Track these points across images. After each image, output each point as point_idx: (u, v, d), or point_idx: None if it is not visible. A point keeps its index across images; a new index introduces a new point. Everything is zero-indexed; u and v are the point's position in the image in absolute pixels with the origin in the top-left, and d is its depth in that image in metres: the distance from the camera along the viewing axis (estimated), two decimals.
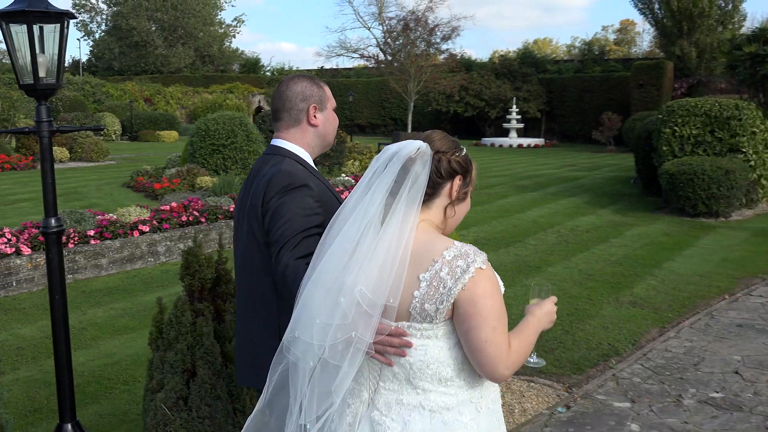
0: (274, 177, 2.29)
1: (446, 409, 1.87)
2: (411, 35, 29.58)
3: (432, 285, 1.79)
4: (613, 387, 5.06)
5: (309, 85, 2.50)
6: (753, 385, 5.11)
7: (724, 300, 7.34)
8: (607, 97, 36.13)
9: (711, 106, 12.94)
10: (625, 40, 69.00)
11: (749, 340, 6.07)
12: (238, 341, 2.55)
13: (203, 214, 9.67)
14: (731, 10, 34.22)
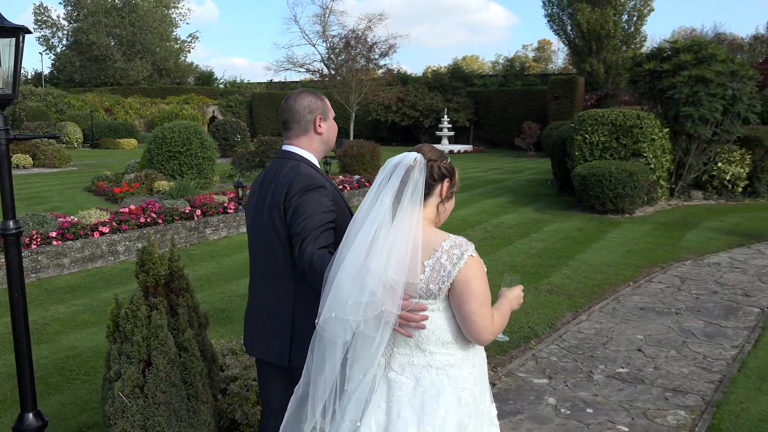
0: (295, 178, 2.44)
1: (449, 365, 2.16)
2: (352, 52, 29.54)
3: (435, 269, 2.09)
4: (533, 365, 5.15)
5: (314, 99, 2.64)
6: (653, 361, 5.26)
7: (629, 286, 7.53)
8: (527, 108, 36.72)
9: (616, 116, 13.28)
10: (542, 57, 70.24)
11: (650, 321, 6.25)
12: (251, 314, 2.69)
13: (160, 216, 9.45)
14: (633, 31, 35.26)
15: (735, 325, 6.12)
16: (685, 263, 8.68)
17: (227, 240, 10.14)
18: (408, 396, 2.14)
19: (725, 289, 7.40)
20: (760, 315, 6.41)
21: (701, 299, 6.98)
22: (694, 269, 8.36)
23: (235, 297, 6.93)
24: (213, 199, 10.57)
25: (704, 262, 8.74)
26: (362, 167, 17.01)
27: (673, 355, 5.38)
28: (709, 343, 5.64)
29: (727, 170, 14.17)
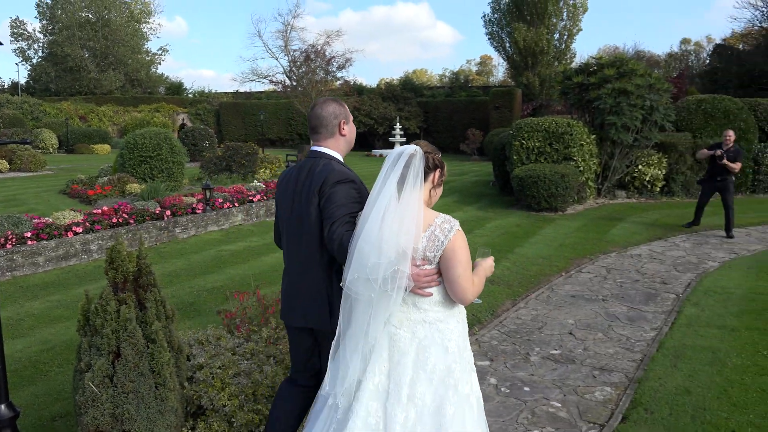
0: (330, 173, 2.67)
1: (439, 321, 2.43)
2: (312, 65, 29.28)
3: (430, 240, 2.38)
4: (476, 349, 5.17)
5: (337, 106, 2.85)
6: (583, 343, 5.35)
7: (561, 276, 7.65)
8: (471, 117, 37.05)
9: (549, 124, 13.47)
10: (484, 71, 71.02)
11: (580, 308, 6.35)
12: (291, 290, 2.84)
13: (132, 216, 9.19)
14: (564, 49, 35.90)
15: (654, 310, 6.27)
16: (611, 255, 8.86)
17: (196, 238, 9.93)
18: (406, 346, 2.39)
19: (645, 277, 7.58)
20: (676, 300, 6.59)
21: (625, 287, 7.14)
22: (619, 260, 8.54)
23: (202, 291, 6.78)
24: (182, 201, 10.34)
25: (627, 254, 8.93)
26: None
27: (600, 337, 5.48)
28: (631, 326, 5.76)
29: (646, 172, 14.53)
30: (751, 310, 6.12)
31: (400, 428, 2.30)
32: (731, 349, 5.05)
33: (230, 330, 3.87)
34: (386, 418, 2.33)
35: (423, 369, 2.36)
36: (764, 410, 3.97)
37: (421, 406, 2.34)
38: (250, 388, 3.37)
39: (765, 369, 4.64)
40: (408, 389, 2.34)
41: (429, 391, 2.36)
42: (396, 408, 2.32)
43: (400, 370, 2.36)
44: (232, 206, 11.09)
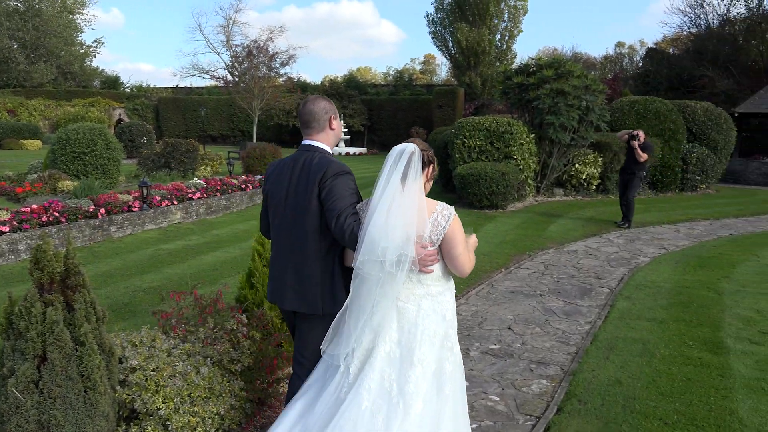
0: (330, 165, 2.83)
1: (439, 294, 2.80)
2: (254, 61, 28.81)
3: (434, 225, 2.72)
4: None
5: (327, 103, 3.03)
6: (521, 337, 5.47)
7: (501, 273, 7.80)
8: (415, 115, 37.38)
9: (490, 123, 13.72)
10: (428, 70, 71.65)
11: (519, 303, 6.49)
12: (280, 275, 2.98)
13: (63, 215, 8.83)
14: (505, 49, 36.65)
15: (589, 304, 6.47)
16: (549, 251, 9.10)
17: (132, 237, 9.63)
18: (413, 317, 2.73)
19: (581, 273, 7.81)
20: (609, 294, 6.82)
21: (561, 282, 7.34)
22: (556, 256, 8.77)
23: (138, 291, 6.58)
24: (118, 198, 10.01)
25: (564, 250, 9.19)
26: (264, 168, 16.69)
27: (537, 331, 5.62)
28: (567, 320, 5.93)
29: (583, 171, 14.99)
30: (679, 303, 6.39)
31: (413, 387, 2.65)
32: (660, 341, 5.26)
33: (166, 331, 3.77)
34: (399, 378, 2.67)
35: (427, 335, 2.73)
36: (689, 398, 4.16)
37: (426, 365, 2.70)
38: (186, 390, 3.30)
39: (691, 359, 4.86)
40: (419, 353, 2.70)
41: (432, 353, 2.73)
42: (409, 370, 2.67)
43: (410, 337, 2.71)
44: (171, 204, 10.81)
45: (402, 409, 2.62)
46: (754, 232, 11.20)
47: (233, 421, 3.48)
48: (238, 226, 10.78)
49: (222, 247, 8.89)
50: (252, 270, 4.38)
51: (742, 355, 4.96)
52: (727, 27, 31.22)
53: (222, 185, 12.56)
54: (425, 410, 2.65)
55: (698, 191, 17.41)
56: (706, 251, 9.17)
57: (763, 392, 4.29)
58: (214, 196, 12.07)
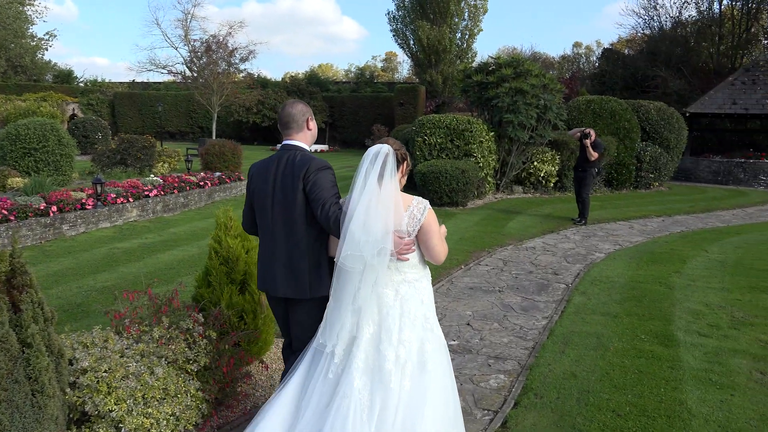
0: (312, 161, 3.10)
1: (416, 280, 3.03)
2: (213, 56, 28.31)
3: (411, 218, 2.97)
4: None
5: (304, 106, 3.30)
6: (479, 333, 5.53)
7: (461, 269, 7.87)
8: (377, 113, 37.36)
9: (451, 120, 13.82)
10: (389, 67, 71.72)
11: (477, 299, 6.56)
12: (269, 264, 3.21)
13: (12, 213, 8.54)
14: (466, 48, 36.92)
15: (546, 299, 6.58)
16: (507, 248, 9.22)
17: (85, 236, 9.38)
18: (391, 301, 2.95)
19: (539, 269, 7.94)
20: (566, 290, 6.95)
21: (519, 278, 7.44)
22: (515, 253, 8.89)
23: (91, 291, 6.42)
24: (70, 196, 9.74)
25: (523, 247, 9.33)
26: (224, 165, 16.44)
27: (495, 327, 5.68)
28: (525, 316, 6.02)
29: (541, 168, 15.23)
30: (632, 297, 6.56)
31: (392, 364, 2.87)
32: (613, 334, 5.39)
33: (119, 331, 3.68)
34: (379, 357, 2.89)
35: (407, 318, 2.96)
36: (641, 390, 4.27)
37: (408, 345, 2.92)
38: (140, 392, 3.23)
39: (642, 352, 4.99)
40: (397, 334, 2.92)
41: (413, 334, 2.96)
42: (388, 349, 2.90)
43: (390, 320, 2.93)
44: (127, 202, 10.57)
45: (383, 387, 2.85)
46: (704, 228, 11.56)
47: (189, 421, 3.42)
48: (196, 223, 10.61)
49: (179, 246, 8.74)
50: (209, 268, 4.32)
51: (692, 348, 5.12)
52: (679, 29, 32.11)
53: (180, 182, 12.34)
54: (410, 385, 2.88)
55: (651, 189, 17.88)
56: (658, 247, 9.43)
57: (710, 383, 4.44)
58: (172, 193, 11.85)
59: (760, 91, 21.45)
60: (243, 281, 4.37)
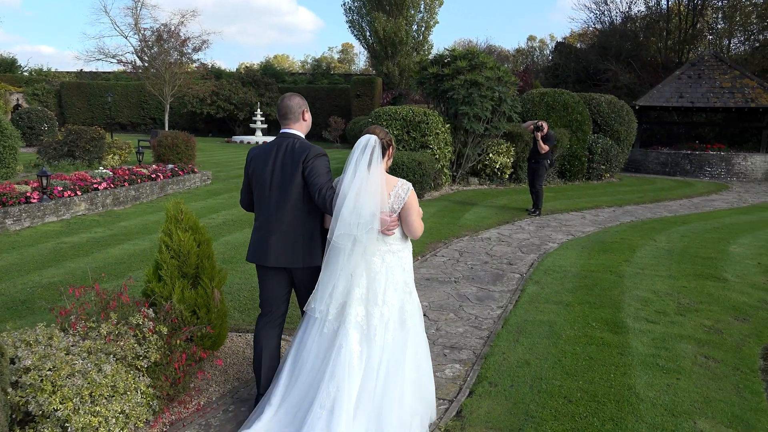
0: (311, 148, 3.50)
1: (399, 251, 3.50)
2: (165, 45, 27.62)
3: (395, 197, 3.42)
4: None
5: (300, 99, 3.66)
6: (436, 323, 5.56)
7: (417, 261, 7.88)
8: (334, 104, 37.17)
9: (407, 112, 13.84)
10: (346, 59, 71.37)
11: (434, 290, 6.59)
12: (265, 238, 3.56)
13: None
14: (422, 40, 37.04)
15: (501, 289, 6.66)
16: (463, 239, 9.30)
17: (31, 230, 9.05)
18: (378, 268, 3.41)
19: (494, 259, 8.04)
20: (520, 279, 7.05)
21: (475, 269, 7.52)
22: (470, 244, 8.98)
23: (37, 287, 6.20)
24: (14, 189, 9.38)
25: (478, 238, 9.42)
26: (177, 157, 16.10)
27: (451, 317, 5.73)
28: (480, 305, 6.08)
29: (496, 160, 15.41)
30: (584, 286, 6.70)
31: (377, 320, 3.38)
32: (565, 323, 5.50)
33: (64, 328, 3.56)
34: (367, 315, 3.38)
35: (390, 282, 3.42)
36: (592, 376, 4.37)
37: (391, 305, 3.41)
38: (86, 390, 3.13)
39: (593, 339, 5.10)
40: (382, 296, 3.39)
41: (395, 296, 3.43)
42: (374, 308, 3.38)
43: (376, 284, 3.39)
44: (75, 195, 10.24)
45: (369, 341, 3.35)
46: (653, 218, 11.91)
47: (139, 419, 3.34)
48: (148, 217, 10.36)
49: (130, 240, 8.52)
50: (159, 262, 4.21)
51: (640, 334, 5.26)
52: (629, 24, 32.91)
53: (131, 175, 12.03)
54: (392, 339, 3.40)
55: (603, 180, 18.31)
56: (609, 237, 9.66)
57: (657, 368, 4.57)
58: (122, 186, 11.54)
59: (705, 85, 22.18)
60: (195, 275, 4.28)
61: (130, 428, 3.35)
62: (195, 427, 3.63)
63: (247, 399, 3.98)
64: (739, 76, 22.14)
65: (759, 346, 5.37)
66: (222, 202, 11.97)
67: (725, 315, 5.96)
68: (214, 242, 8.31)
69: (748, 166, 21.27)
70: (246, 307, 5.72)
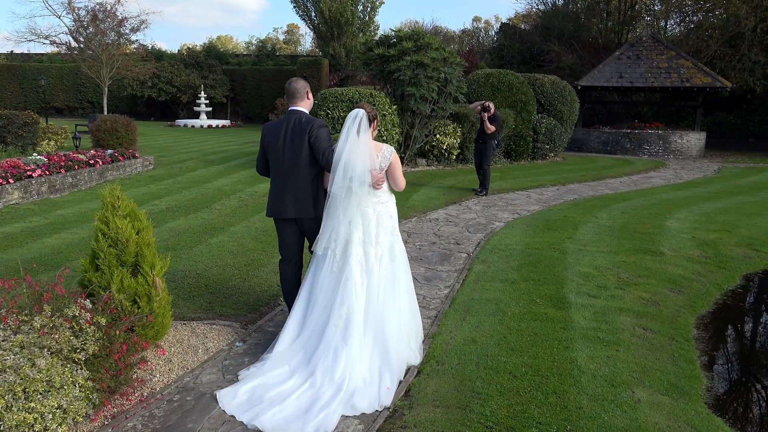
0: (315, 120, 4.34)
1: (387, 201, 4.25)
2: (101, 26, 26.49)
3: (383, 158, 4.17)
4: (281, 320, 5.11)
5: (303, 82, 4.49)
6: None
7: None
8: (280, 86, 36.50)
9: (353, 94, 13.73)
10: (292, 40, 70.21)
11: None
12: (281, 196, 4.41)
13: None
14: (368, 20, 36.78)
15: (448, 269, 6.73)
16: (412, 220, 9.34)
17: None
18: (370, 216, 4.16)
19: (442, 239, 8.11)
20: (467, 259, 7.14)
21: (423, 249, 7.57)
22: (419, 224, 9.03)
23: None
24: None
25: (426, 218, 9.48)
26: (117, 142, 15.58)
27: None
28: (428, 286, 6.13)
29: (443, 141, 15.49)
30: (528, 263, 6.84)
31: (373, 258, 4.16)
32: (511, 300, 5.60)
33: None
34: (365, 254, 4.15)
35: (381, 227, 4.19)
36: (536, 351, 4.48)
37: (383, 245, 4.20)
38: (19, 386, 3.01)
39: (537, 315, 5.22)
40: (375, 238, 4.16)
41: (386, 238, 4.22)
42: (370, 248, 4.15)
43: (370, 229, 4.15)
44: (6, 183, 9.78)
45: (368, 273, 4.15)
46: (595, 195, 12.24)
47: (78, 413, 3.24)
48: (87, 204, 10.00)
49: (68, 228, 8.21)
50: (96, 251, 4.07)
51: (582, 308, 5.42)
52: (570, 5, 33.47)
53: (67, 161, 11.56)
54: (385, 272, 4.20)
55: (547, 159, 18.68)
56: (553, 215, 9.88)
57: (598, 340, 4.72)
58: (59, 173, 11.09)
59: (644, 65, 22.82)
60: (135, 264, 4.15)
61: (68, 423, 3.24)
62: (138, 418, 3.55)
63: (193, 388, 3.91)
64: (675, 56, 22.87)
65: (693, 317, 5.61)
66: (165, 188, 11.66)
67: (662, 287, 6.20)
68: (157, 229, 8.13)
69: (683, 144, 22.07)
70: (191, 295, 5.60)
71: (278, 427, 3.43)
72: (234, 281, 6.01)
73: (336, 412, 3.57)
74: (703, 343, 5.12)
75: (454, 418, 3.56)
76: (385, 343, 4.04)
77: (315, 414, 3.53)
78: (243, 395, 3.73)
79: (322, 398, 3.69)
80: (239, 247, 7.30)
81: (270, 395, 3.72)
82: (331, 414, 3.54)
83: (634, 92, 25.31)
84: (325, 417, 3.51)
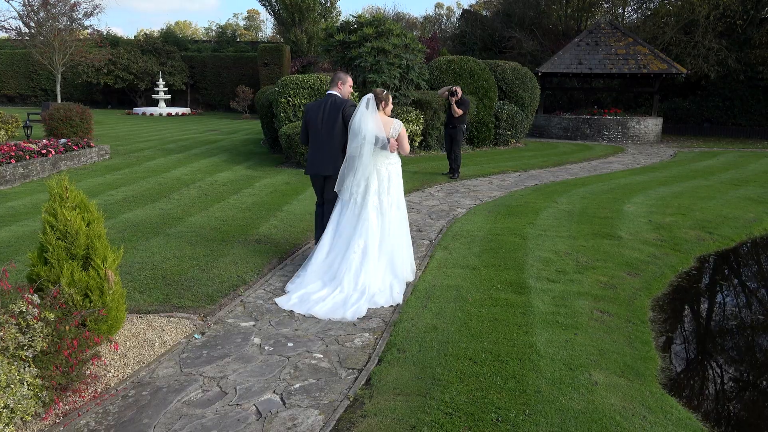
0: (346, 102, 5.74)
1: (395, 162, 5.64)
2: (52, 10, 25.58)
3: (393, 129, 5.54)
4: (241, 311, 5.07)
5: (342, 73, 5.95)
6: None
7: None
8: (241, 73, 36.03)
9: (314, 81, 13.56)
10: (252, 26, 69.05)
11: None
12: (318, 160, 5.86)
13: None
14: (329, 6, 36.39)
15: None
16: None
17: None
18: (384, 173, 5.51)
19: None
20: (429, 245, 7.15)
21: None
22: None
23: None
24: None
25: None
26: (71, 131, 15.13)
27: None
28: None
29: (406, 128, 15.45)
30: (489, 249, 6.89)
31: (386, 204, 5.49)
32: (472, 286, 5.63)
33: None
34: (380, 201, 5.48)
35: (392, 182, 5.55)
36: (496, 337, 4.51)
37: (393, 196, 5.55)
38: None
39: (498, 300, 5.26)
40: (386, 190, 5.49)
41: (396, 190, 5.59)
42: (384, 197, 5.49)
43: (384, 182, 5.49)
44: None
45: (383, 215, 5.48)
46: (555, 181, 12.39)
47: (26, 412, 3.13)
48: (39, 196, 9.69)
49: (18, 220, 7.94)
50: (44, 244, 3.93)
51: (541, 293, 5.48)
52: None
53: (17, 151, 11.17)
54: (394, 215, 5.54)
55: (509, 145, 18.82)
56: (514, 201, 9.96)
57: (557, 324, 4.78)
58: (9, 163, 10.70)
59: (602, 51, 23.13)
60: (86, 256, 4.03)
61: (16, 423, 3.14)
62: (92, 415, 3.45)
63: (149, 383, 3.82)
64: (633, 43, 23.23)
65: (649, 299, 5.73)
66: (121, 178, 11.38)
67: (619, 271, 6.31)
68: (112, 220, 7.92)
69: (641, 129, 22.50)
70: (147, 287, 5.47)
71: (327, 312, 4.94)
72: (192, 272, 5.89)
73: (364, 306, 5.08)
74: (658, 324, 5.24)
75: (415, 405, 3.56)
76: (394, 266, 5.54)
77: (350, 306, 5.04)
78: (295, 299, 5.18)
79: (351, 298, 5.16)
80: (198, 238, 7.17)
81: (313, 298, 5.16)
82: (362, 306, 5.05)
83: (593, 79, 25.66)
84: (357, 308, 5.02)
